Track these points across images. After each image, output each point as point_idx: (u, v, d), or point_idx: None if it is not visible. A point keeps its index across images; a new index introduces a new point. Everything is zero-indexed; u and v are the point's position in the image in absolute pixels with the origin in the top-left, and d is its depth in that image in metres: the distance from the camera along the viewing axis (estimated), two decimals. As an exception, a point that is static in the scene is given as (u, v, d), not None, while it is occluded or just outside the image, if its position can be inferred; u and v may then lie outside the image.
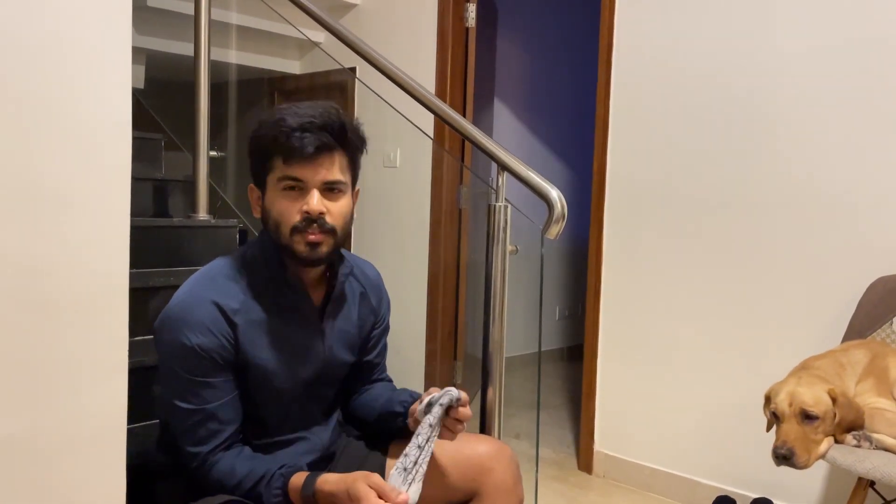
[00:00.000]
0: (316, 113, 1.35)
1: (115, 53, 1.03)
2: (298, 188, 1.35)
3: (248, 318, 1.36)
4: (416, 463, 1.30)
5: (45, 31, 0.98)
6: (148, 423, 1.83)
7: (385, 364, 1.69)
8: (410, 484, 1.29)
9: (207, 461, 1.34)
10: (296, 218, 1.34)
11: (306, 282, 1.44)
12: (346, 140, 1.39)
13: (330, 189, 1.37)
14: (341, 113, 1.39)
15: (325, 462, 1.51)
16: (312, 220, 1.34)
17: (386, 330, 1.66)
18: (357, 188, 1.48)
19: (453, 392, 1.35)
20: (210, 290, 1.36)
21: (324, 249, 1.36)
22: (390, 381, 1.69)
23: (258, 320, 1.38)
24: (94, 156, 1.03)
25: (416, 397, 1.51)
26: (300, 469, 1.34)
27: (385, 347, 1.67)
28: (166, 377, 1.36)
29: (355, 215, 1.46)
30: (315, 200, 1.34)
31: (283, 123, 1.33)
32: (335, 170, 1.37)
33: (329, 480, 1.27)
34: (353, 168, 1.44)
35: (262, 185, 1.40)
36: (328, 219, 1.35)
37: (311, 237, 1.34)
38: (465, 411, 1.36)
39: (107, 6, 1.01)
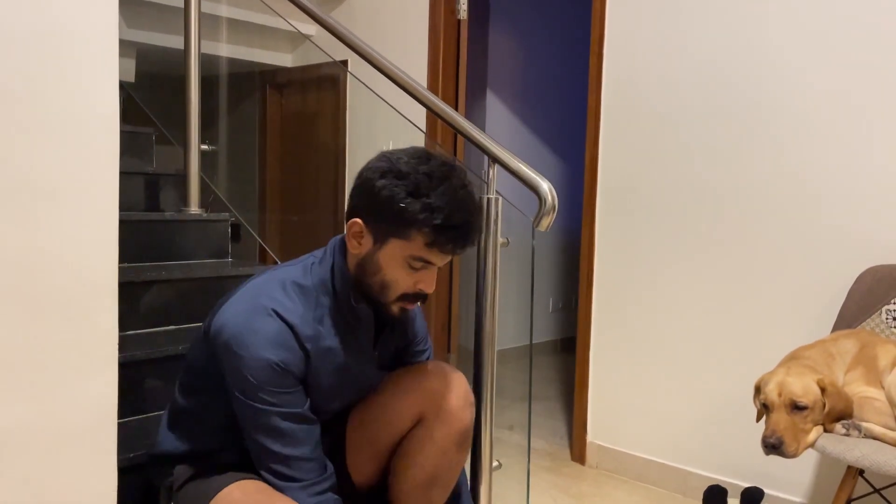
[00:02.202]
0: (473, 212, 1.35)
1: (102, 46, 1.03)
2: (424, 268, 1.36)
3: (317, 345, 1.38)
4: None
5: (31, 26, 0.98)
6: (143, 416, 1.84)
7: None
8: None
9: (304, 490, 1.34)
10: (407, 290, 1.37)
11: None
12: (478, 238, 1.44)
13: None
14: (477, 201, 1.39)
15: None
16: (422, 296, 1.38)
17: (424, 349, 1.65)
18: None
19: None
20: (276, 303, 1.34)
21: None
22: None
23: (326, 347, 1.39)
24: (82, 150, 1.03)
25: None
26: None
27: (424, 335, 1.67)
28: (249, 394, 1.32)
29: None
30: (433, 283, 1.38)
31: (441, 214, 1.30)
32: None
33: None
34: None
35: (380, 237, 1.36)
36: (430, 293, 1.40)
37: (411, 307, 1.40)
38: None
39: (96, 14, 1.01)
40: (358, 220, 1.36)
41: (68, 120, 1.01)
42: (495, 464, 1.73)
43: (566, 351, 4.86)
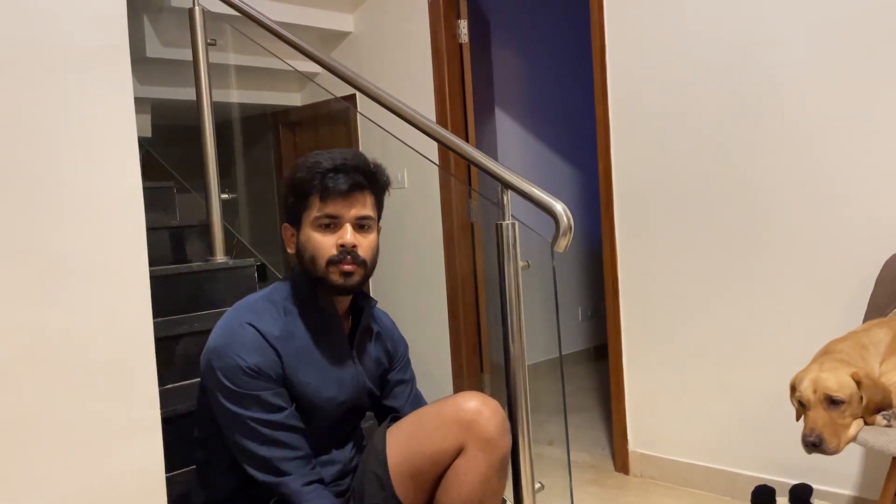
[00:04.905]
0: (348, 156, 1.51)
1: (121, 129, 1.08)
2: (334, 224, 1.49)
3: (288, 344, 1.48)
4: None
5: (55, 113, 1.03)
6: (187, 469, 1.88)
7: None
8: None
9: (301, 487, 1.42)
10: (332, 251, 1.48)
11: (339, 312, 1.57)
12: (375, 180, 1.54)
13: (361, 225, 1.52)
14: (369, 157, 1.55)
15: (344, 476, 1.60)
16: (347, 252, 1.48)
17: (406, 377, 1.73)
18: (380, 225, 1.60)
19: None
20: (249, 316, 1.47)
21: (356, 279, 1.51)
22: None
23: (299, 346, 1.50)
24: (110, 226, 1.08)
25: None
26: None
27: (409, 389, 1.74)
28: (228, 400, 1.43)
29: (379, 250, 1.60)
30: (349, 234, 1.49)
31: (319, 166, 1.49)
32: (366, 207, 1.52)
33: None
34: (379, 207, 1.58)
35: (297, 223, 1.53)
36: (360, 251, 1.50)
37: (345, 267, 1.48)
38: None
39: (110, 86, 1.06)
40: (285, 223, 1.57)
41: (95, 199, 1.06)
42: (537, 485, 1.73)
43: (600, 359, 4.84)
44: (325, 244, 1.49)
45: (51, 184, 1.03)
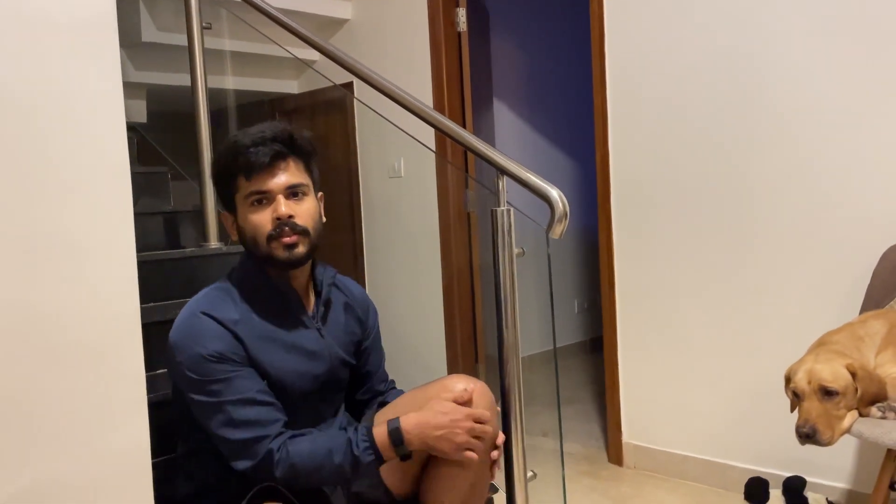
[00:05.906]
0: (265, 129, 1.47)
1: (108, 105, 1.06)
2: (265, 199, 1.46)
3: (249, 328, 1.45)
4: None
5: (41, 91, 1.01)
6: (175, 454, 1.86)
7: (384, 371, 1.76)
8: None
9: (278, 449, 1.38)
10: (268, 227, 1.45)
11: (295, 288, 1.53)
12: (296, 146, 1.49)
13: (294, 193, 1.47)
14: (288, 125, 1.51)
15: None
16: (284, 223, 1.44)
17: (377, 338, 1.74)
18: (321, 193, 1.57)
19: None
20: (203, 307, 1.45)
21: (301, 250, 1.47)
22: (394, 387, 1.77)
23: (260, 329, 1.47)
24: (97, 204, 1.06)
25: None
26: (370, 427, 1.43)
27: (380, 355, 1.74)
28: (197, 392, 1.40)
29: (324, 218, 1.57)
30: (282, 206, 1.45)
31: (237, 144, 1.45)
32: (293, 174, 1.47)
33: (410, 414, 1.42)
34: (311, 173, 1.54)
35: (232, 208, 1.50)
36: (298, 220, 1.46)
37: (286, 240, 1.45)
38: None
39: (97, 60, 1.04)
40: (223, 212, 1.54)
41: (82, 178, 1.04)
42: (529, 474, 1.73)
43: (596, 351, 4.83)
44: (261, 221, 1.45)
45: (35, 162, 1.01)
